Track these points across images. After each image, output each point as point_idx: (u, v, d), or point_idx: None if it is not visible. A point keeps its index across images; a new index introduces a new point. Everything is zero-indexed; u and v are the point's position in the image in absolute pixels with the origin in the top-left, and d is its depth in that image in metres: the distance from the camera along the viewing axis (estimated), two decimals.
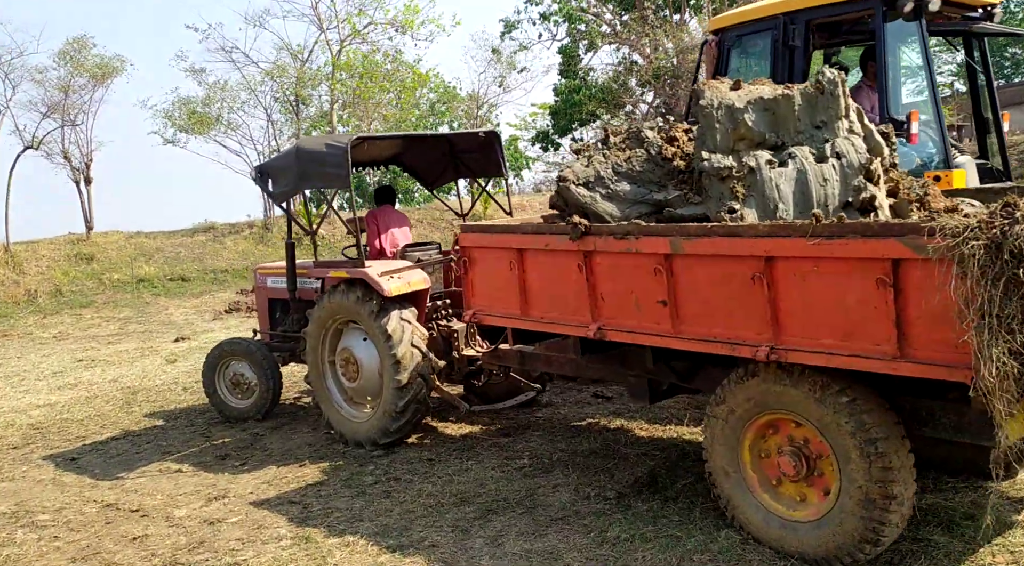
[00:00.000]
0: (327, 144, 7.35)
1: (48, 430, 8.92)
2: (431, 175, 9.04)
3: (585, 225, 5.05)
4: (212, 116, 24.36)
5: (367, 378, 7.30)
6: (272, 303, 9.00)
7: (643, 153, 5.15)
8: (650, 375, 5.69)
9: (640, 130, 5.27)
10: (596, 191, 5.18)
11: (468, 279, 6.15)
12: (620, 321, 5.06)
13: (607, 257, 5.01)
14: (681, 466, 6.05)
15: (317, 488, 6.47)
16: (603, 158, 5.29)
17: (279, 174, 7.85)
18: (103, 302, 19.41)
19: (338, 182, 7.44)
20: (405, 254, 7.87)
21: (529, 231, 5.56)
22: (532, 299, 5.64)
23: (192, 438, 8.20)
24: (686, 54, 28.59)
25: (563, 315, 5.44)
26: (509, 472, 6.35)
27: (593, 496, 5.64)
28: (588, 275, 5.15)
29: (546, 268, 5.49)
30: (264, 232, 23.54)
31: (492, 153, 8.20)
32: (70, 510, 6.43)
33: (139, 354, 13.50)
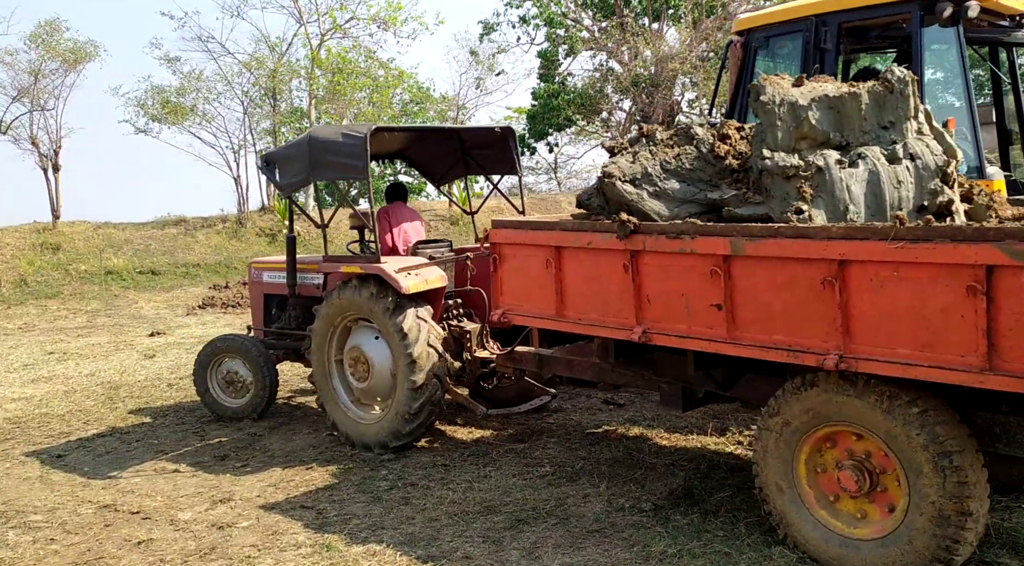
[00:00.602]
0: (343, 133, 7.06)
1: (27, 425, 8.50)
2: (439, 171, 8.77)
3: (634, 223, 4.85)
4: (187, 106, 23.77)
5: (378, 378, 7.01)
6: (268, 299, 8.68)
7: (693, 150, 4.96)
8: (685, 382, 5.50)
9: (690, 127, 5.09)
10: (643, 188, 4.98)
11: (497, 277, 5.91)
12: (667, 325, 4.86)
13: (657, 257, 4.80)
14: (714, 477, 5.86)
15: (329, 492, 6.18)
16: (649, 155, 5.08)
17: (289, 164, 7.52)
18: (70, 293, 18.82)
19: (355, 173, 7.14)
20: (417, 251, 7.60)
21: (570, 228, 5.33)
22: (568, 299, 5.42)
23: (185, 437, 7.84)
24: (665, 63, 28.68)
25: (603, 317, 5.22)
26: (532, 480, 6.12)
27: (628, 507, 5.43)
28: (634, 275, 4.94)
29: (586, 267, 5.27)
30: (238, 227, 23.03)
31: (506, 150, 7.96)
32: (64, 511, 6.07)
33: (113, 348, 13.05)
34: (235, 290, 18.61)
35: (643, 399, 8.14)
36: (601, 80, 30.62)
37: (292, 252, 8.14)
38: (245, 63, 24.09)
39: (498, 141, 7.97)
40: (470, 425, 7.67)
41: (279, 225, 23.03)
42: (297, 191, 7.98)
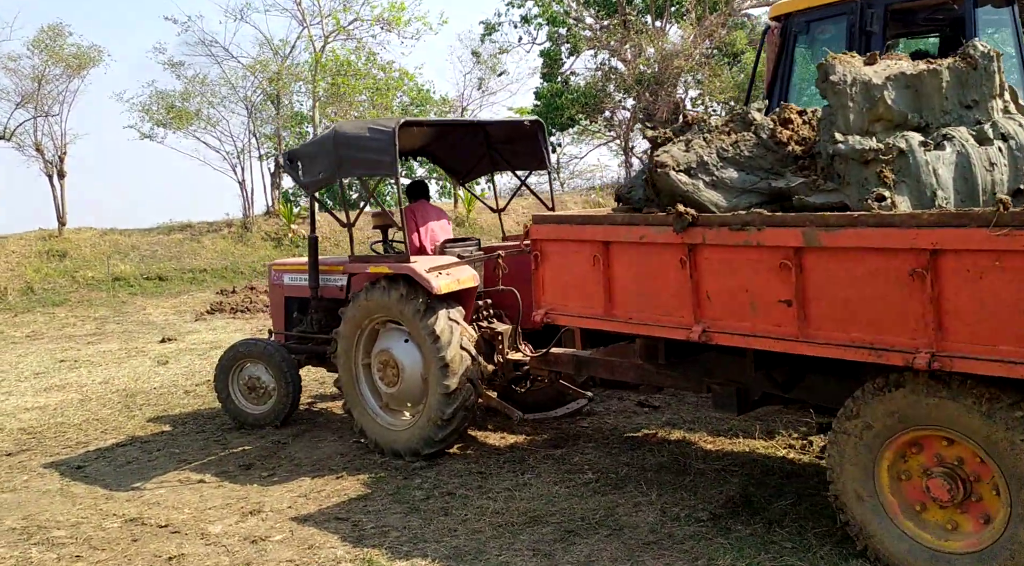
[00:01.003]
0: (370, 128, 6.79)
1: (43, 435, 8.22)
2: (464, 167, 8.48)
3: (692, 215, 4.57)
4: (191, 111, 23.49)
5: (408, 383, 6.73)
6: (289, 302, 8.40)
7: (751, 137, 4.67)
8: (740, 384, 5.22)
9: (747, 112, 4.81)
10: (698, 178, 4.70)
11: (538, 275, 5.64)
12: (729, 323, 4.58)
13: (718, 251, 4.52)
14: (770, 484, 5.58)
15: (363, 503, 5.90)
16: (704, 142, 4.80)
17: (313, 161, 7.25)
18: (77, 301, 18.55)
19: (383, 169, 6.87)
20: (445, 250, 7.32)
21: (619, 222, 5.05)
22: (618, 297, 5.15)
23: (207, 445, 7.56)
24: (670, 60, 28.41)
25: (656, 316, 4.94)
26: (576, 488, 5.84)
27: (683, 517, 5.15)
28: (692, 271, 4.66)
29: (638, 263, 4.99)
30: (243, 232, 22.75)
31: (535, 144, 7.68)
32: (88, 525, 5.79)
33: (124, 355, 12.76)
34: (242, 295, 18.35)
35: (679, 401, 7.86)
36: (603, 79, 30.37)
37: (314, 253, 7.86)
38: (249, 67, 23.83)
39: (527, 135, 7.70)
40: (501, 430, 7.38)
41: (284, 229, 22.78)
42: (321, 189, 7.69)
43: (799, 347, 4.28)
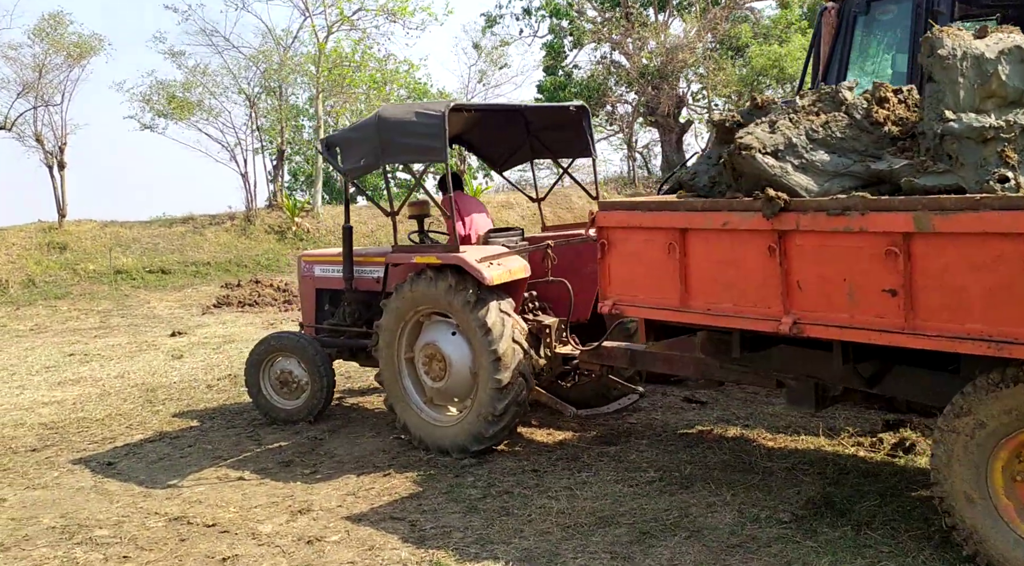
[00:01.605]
0: (417, 112, 6.53)
1: (66, 430, 7.93)
2: (502, 155, 8.21)
3: (784, 200, 4.33)
4: (193, 101, 23.12)
5: (456, 377, 6.47)
6: (320, 294, 8.12)
7: (843, 117, 4.45)
8: (818, 378, 5.00)
9: (838, 91, 4.58)
10: (787, 161, 4.47)
11: (605, 264, 5.39)
12: (823, 314, 4.34)
13: (812, 237, 4.29)
14: (846, 483, 5.36)
15: (416, 502, 5.66)
16: (790, 123, 4.57)
17: (353, 147, 6.98)
18: (79, 294, 18.20)
19: (431, 156, 6.62)
20: (489, 240, 7.08)
21: (700, 208, 4.81)
22: (695, 288, 4.91)
23: (240, 441, 7.30)
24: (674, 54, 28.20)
25: (739, 306, 4.70)
26: (640, 487, 5.61)
27: (763, 519, 4.92)
28: (781, 259, 4.42)
29: (719, 251, 4.76)
30: (246, 224, 22.42)
31: (579, 131, 7.43)
32: (130, 524, 5.53)
33: (135, 349, 12.46)
34: (248, 289, 18.02)
35: (727, 396, 7.65)
36: (604, 72, 30.14)
37: (349, 243, 7.59)
38: (251, 57, 23.47)
39: (571, 121, 7.45)
40: (547, 426, 7.15)
41: (288, 222, 22.47)
42: (362, 176, 7.42)
43: (904, 340, 4.05)
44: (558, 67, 31.96)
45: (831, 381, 4.96)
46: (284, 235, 22.34)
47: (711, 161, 5.48)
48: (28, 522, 5.64)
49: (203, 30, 23.57)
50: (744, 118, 5.28)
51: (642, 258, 5.15)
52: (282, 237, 22.28)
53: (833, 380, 4.93)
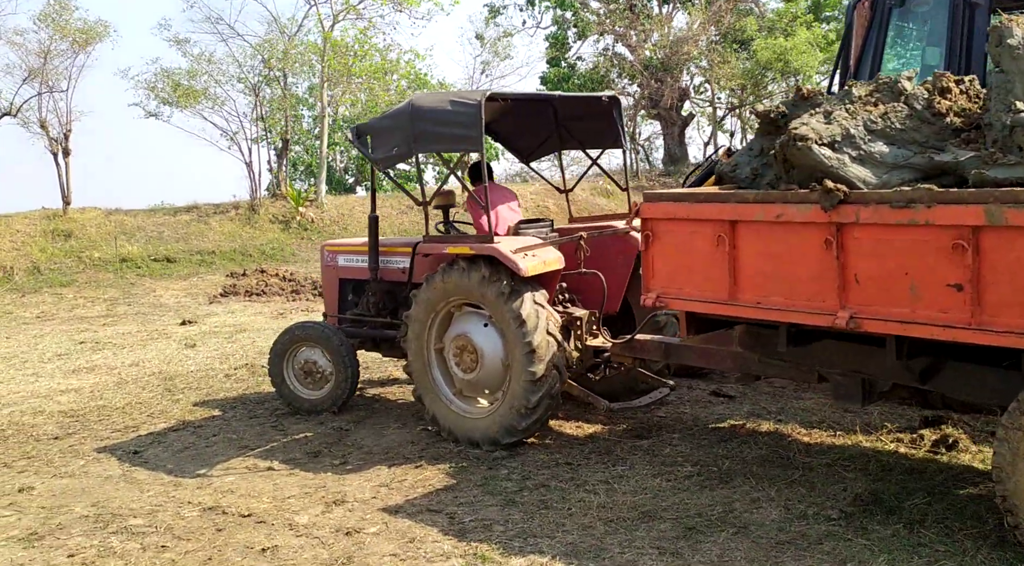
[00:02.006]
0: (452, 101, 6.46)
1: (86, 418, 7.86)
2: (529, 145, 8.11)
3: (844, 192, 4.27)
4: (198, 89, 22.95)
5: (488, 369, 6.41)
6: (343, 284, 8.05)
7: (903, 108, 4.39)
8: (866, 374, 4.94)
9: (896, 81, 4.52)
10: (844, 152, 4.42)
11: (649, 257, 5.33)
12: (882, 308, 4.28)
13: (873, 230, 4.23)
14: (891, 480, 5.31)
15: (452, 494, 5.60)
16: (847, 114, 4.51)
17: (385, 135, 6.90)
18: (84, 281, 18.08)
19: (467, 144, 6.55)
20: (519, 231, 7.00)
21: (752, 200, 4.74)
22: (745, 281, 4.85)
23: (265, 431, 7.23)
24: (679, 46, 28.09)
25: (791, 300, 4.65)
26: (679, 481, 5.56)
27: (811, 515, 4.86)
28: (838, 252, 4.36)
29: (771, 244, 4.69)
30: (251, 214, 22.30)
31: (611, 121, 7.34)
32: (164, 513, 5.46)
33: (146, 337, 12.37)
34: (254, 278, 17.97)
35: (754, 391, 7.60)
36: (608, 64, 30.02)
37: (375, 233, 7.52)
38: (257, 45, 23.31)
39: (602, 112, 7.37)
40: (575, 419, 7.09)
41: (292, 212, 22.34)
42: (394, 165, 7.33)
43: (970, 335, 3.99)
44: (562, 59, 31.86)
45: (880, 377, 4.91)
46: (288, 224, 22.22)
47: (753, 153, 5.43)
48: (60, 511, 5.57)
49: (208, 17, 23.48)
50: (790, 109, 5.22)
51: (689, 250, 5.09)
52: (286, 227, 22.16)
53: (883, 376, 4.88)
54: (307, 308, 14.65)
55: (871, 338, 4.63)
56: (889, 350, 4.58)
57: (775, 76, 28.74)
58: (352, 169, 37.48)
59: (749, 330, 5.39)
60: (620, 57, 30.30)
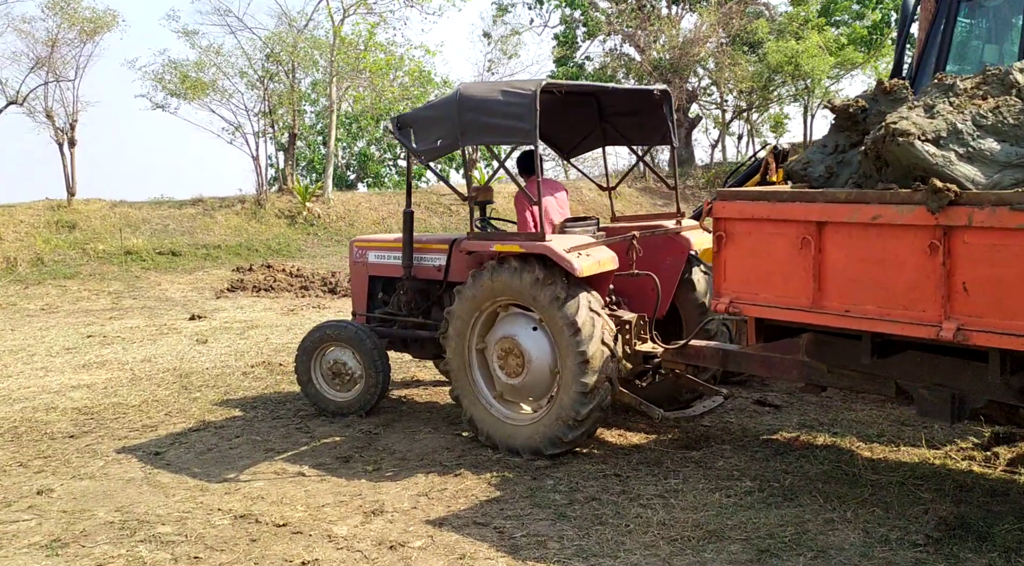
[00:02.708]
0: (504, 91, 6.10)
1: (101, 416, 7.52)
2: (570, 141, 7.74)
3: (955, 192, 3.94)
4: (206, 81, 22.58)
5: (535, 375, 6.07)
6: (373, 281, 7.71)
7: (1017, 102, 4.07)
8: (955, 388, 4.59)
9: (1008, 72, 4.20)
10: (950, 150, 4.09)
11: (721, 259, 5.00)
12: (996, 321, 3.95)
13: (988, 235, 3.89)
14: (973, 502, 4.98)
15: (498, 506, 5.27)
16: (951, 108, 4.19)
17: (429, 126, 6.54)
18: (89, 274, 17.69)
19: (520, 137, 6.17)
20: (565, 230, 6.67)
21: (843, 199, 4.40)
22: (832, 287, 4.52)
23: (290, 433, 6.90)
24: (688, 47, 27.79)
25: (886, 309, 4.31)
26: (740, 498, 5.23)
27: (894, 540, 4.53)
28: (945, 258, 4.03)
29: (865, 247, 4.37)
30: (256, 208, 21.93)
31: (660, 116, 6.97)
32: (194, 521, 5.12)
33: (156, 332, 12.03)
34: (260, 273, 17.59)
35: (801, 400, 7.30)
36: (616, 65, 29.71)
37: (409, 229, 7.17)
38: (266, 38, 22.93)
39: (651, 106, 7.00)
40: (616, 426, 6.76)
41: (298, 207, 22.00)
42: (438, 158, 6.97)
43: None
44: (570, 58, 31.57)
45: (975, 392, 4.55)
46: (294, 220, 21.88)
47: (827, 150, 5.11)
48: (82, 515, 5.24)
49: (217, 9, 23.10)
50: (870, 104, 4.92)
51: (767, 253, 4.76)
52: (292, 222, 21.82)
53: (978, 391, 4.53)
54: (318, 305, 14.31)
55: (965, 351, 4.33)
56: (992, 365, 4.26)
57: (785, 79, 28.50)
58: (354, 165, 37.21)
59: (818, 339, 5.08)
60: (628, 57, 30.01)
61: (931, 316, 4.13)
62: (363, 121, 33.86)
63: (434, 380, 8.48)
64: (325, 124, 32.84)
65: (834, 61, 28.33)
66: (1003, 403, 4.59)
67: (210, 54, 22.91)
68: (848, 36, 30.11)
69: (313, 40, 23.60)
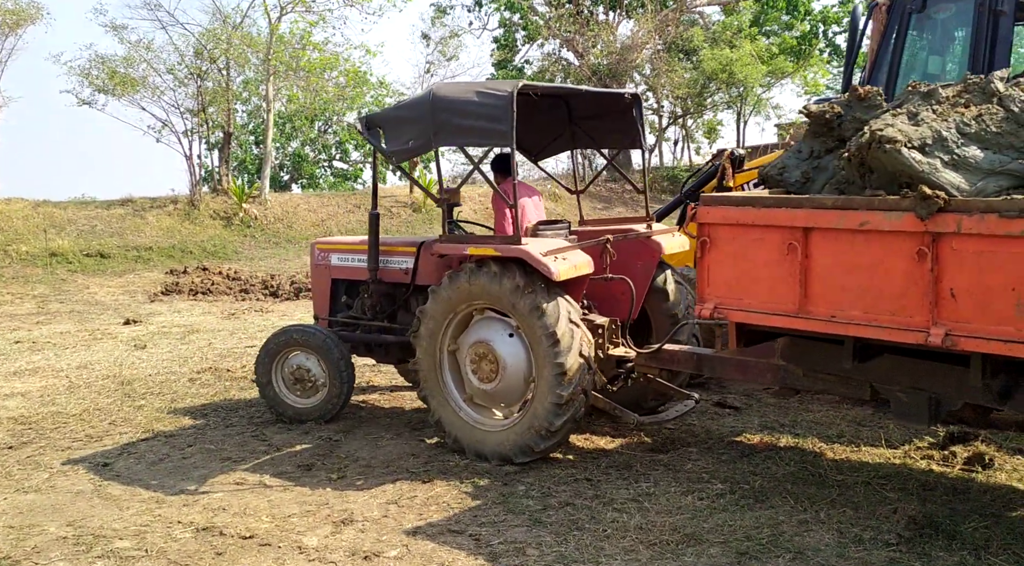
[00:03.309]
0: (480, 92, 6.01)
1: (40, 426, 7.17)
2: (539, 143, 7.63)
3: (944, 199, 4.00)
4: (136, 77, 21.89)
5: (509, 382, 5.97)
6: (336, 284, 7.53)
7: (998, 110, 4.15)
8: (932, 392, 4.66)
9: (989, 81, 4.28)
10: (935, 157, 4.14)
11: (705, 264, 4.99)
12: (982, 326, 4.00)
13: (975, 241, 3.95)
14: (937, 500, 5.07)
15: (471, 513, 5.17)
16: (934, 115, 4.26)
17: (401, 127, 6.40)
18: (11, 276, 16.97)
19: (495, 138, 6.09)
20: (537, 233, 6.60)
21: (830, 205, 4.43)
22: (817, 293, 4.55)
23: (245, 441, 6.68)
24: (626, 53, 28.06)
25: (873, 314, 4.35)
26: (712, 500, 5.23)
27: (867, 540, 4.56)
28: (933, 264, 4.08)
29: (851, 253, 4.40)
30: (190, 209, 21.34)
31: (629, 120, 6.94)
32: (153, 535, 4.90)
33: (89, 337, 11.57)
34: (196, 276, 17.12)
35: (759, 402, 7.37)
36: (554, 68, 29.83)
37: (375, 231, 7.02)
38: (200, 34, 22.36)
39: (621, 110, 6.96)
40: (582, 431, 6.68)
41: (234, 208, 21.49)
42: (408, 159, 6.81)
43: None
44: (509, 62, 31.58)
45: (951, 395, 4.62)
46: (231, 221, 21.38)
47: (802, 155, 5.16)
48: (31, 531, 4.96)
49: (147, 3, 22.40)
50: (844, 110, 4.97)
51: (752, 258, 4.77)
52: (228, 223, 21.31)
53: (955, 394, 4.59)
54: (260, 308, 13.98)
55: (944, 355, 4.40)
56: (974, 369, 4.32)
57: (719, 86, 28.98)
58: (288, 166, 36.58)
59: (795, 343, 5.12)
60: (567, 62, 30.16)
61: (919, 322, 4.17)
62: (297, 121, 33.32)
63: (392, 385, 8.33)
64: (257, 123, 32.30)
65: (766, 70, 28.90)
66: (977, 405, 4.67)
67: (140, 50, 22.25)
68: (779, 46, 30.78)
69: (248, 38, 23.10)
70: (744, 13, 30.82)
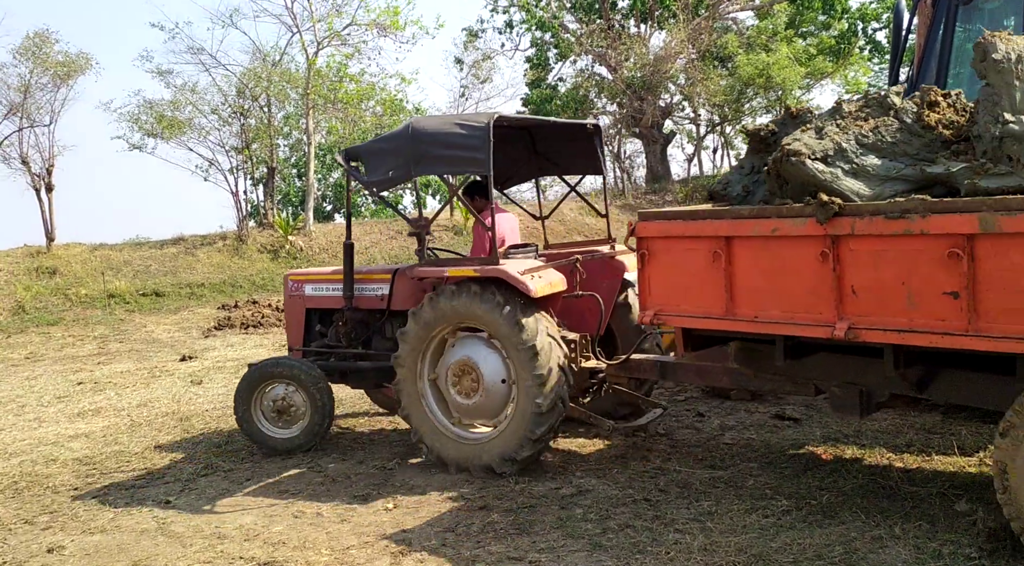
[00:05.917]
0: (458, 123, 6.32)
1: (104, 466, 7.29)
2: (504, 171, 7.79)
3: (839, 204, 4.29)
4: (182, 120, 22.36)
5: (490, 395, 6.24)
6: (310, 314, 7.67)
7: (893, 122, 4.48)
8: (863, 385, 4.96)
9: (886, 96, 4.61)
10: (836, 166, 4.51)
11: (645, 275, 5.36)
12: (879, 318, 4.30)
13: (868, 242, 4.25)
14: None
15: (529, 539, 5.09)
16: (837, 129, 4.52)
17: (380, 158, 6.64)
18: (72, 319, 17.38)
19: (474, 167, 6.41)
20: (509, 255, 6.74)
21: (746, 215, 4.77)
22: (741, 296, 4.90)
23: (302, 473, 6.72)
24: (660, 64, 27.90)
25: (789, 313, 4.69)
26: (777, 517, 5.09)
27: (947, 555, 4.40)
28: (835, 264, 4.39)
29: (767, 258, 4.76)
30: (238, 244, 21.69)
31: (591, 148, 7.31)
32: None
33: (148, 375, 11.78)
34: (247, 310, 17.37)
35: (820, 412, 7.21)
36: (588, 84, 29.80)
37: (350, 260, 7.25)
38: (241, 74, 22.78)
39: (582, 138, 7.32)
40: (636, 448, 6.63)
41: (280, 241, 21.80)
42: (388, 189, 6.97)
43: (967, 342, 4.00)
44: (543, 80, 31.63)
45: (878, 387, 4.95)
46: (277, 254, 21.66)
47: (744, 171, 5.54)
48: None
49: (190, 48, 22.94)
50: (779, 127, 5.42)
51: (684, 267, 5.14)
52: (275, 256, 21.59)
53: (880, 386, 4.92)
54: None
55: (867, 349, 4.64)
56: (886, 360, 4.55)
57: (757, 91, 28.67)
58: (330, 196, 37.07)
59: (744, 346, 5.42)
60: (600, 77, 30.12)
61: (827, 317, 4.48)
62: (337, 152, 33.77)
63: None
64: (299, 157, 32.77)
65: (804, 71, 28.55)
66: (904, 396, 4.96)
67: (185, 92, 22.75)
68: (816, 47, 30.40)
69: (287, 74, 23.49)
70: (779, 16, 30.50)
